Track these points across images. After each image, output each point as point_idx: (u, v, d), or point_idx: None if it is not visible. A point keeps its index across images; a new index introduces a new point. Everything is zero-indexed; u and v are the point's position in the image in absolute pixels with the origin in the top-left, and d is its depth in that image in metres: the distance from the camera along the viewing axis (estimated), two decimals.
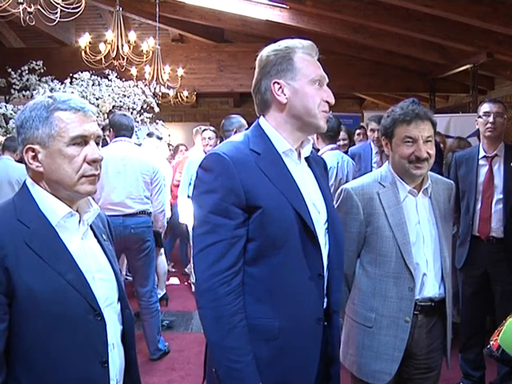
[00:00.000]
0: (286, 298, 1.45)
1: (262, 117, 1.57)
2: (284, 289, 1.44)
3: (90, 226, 1.41)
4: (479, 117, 3.06)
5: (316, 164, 1.67)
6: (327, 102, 1.53)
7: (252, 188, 1.42)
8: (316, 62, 1.56)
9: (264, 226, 1.42)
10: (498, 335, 1.80)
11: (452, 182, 2.22)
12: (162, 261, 5.04)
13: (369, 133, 4.61)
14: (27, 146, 1.30)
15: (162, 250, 5.00)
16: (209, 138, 4.90)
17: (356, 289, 2.03)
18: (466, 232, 3.14)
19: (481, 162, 3.08)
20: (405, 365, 2.00)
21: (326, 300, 1.56)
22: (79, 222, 1.36)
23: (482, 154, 3.08)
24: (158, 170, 3.83)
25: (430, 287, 1.97)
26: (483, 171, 3.05)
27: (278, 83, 1.51)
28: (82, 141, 1.31)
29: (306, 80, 1.50)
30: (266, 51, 1.54)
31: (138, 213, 3.72)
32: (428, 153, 1.93)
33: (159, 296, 4.82)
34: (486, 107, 3.05)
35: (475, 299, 3.20)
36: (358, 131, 5.62)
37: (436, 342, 2.05)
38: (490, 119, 2.99)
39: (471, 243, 3.10)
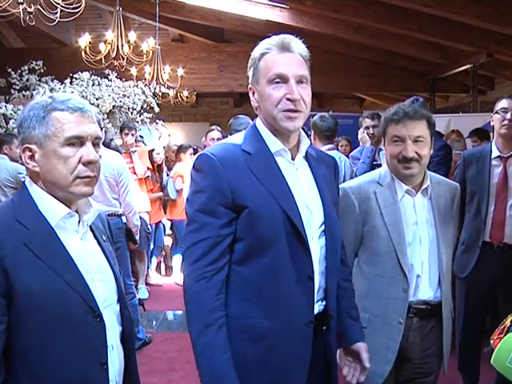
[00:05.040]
0: (275, 299, 1.44)
1: (258, 117, 1.57)
2: (273, 289, 1.44)
3: (90, 227, 1.40)
4: (496, 113, 2.84)
5: (320, 164, 1.63)
6: (289, 99, 1.43)
7: (239, 188, 1.42)
8: (282, 57, 1.45)
9: (252, 226, 1.42)
10: (498, 334, 1.80)
11: (457, 184, 2.18)
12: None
13: (362, 129, 4.50)
14: (24, 146, 1.31)
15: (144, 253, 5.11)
16: (218, 139, 4.96)
17: None
18: (474, 237, 2.87)
19: (494, 162, 2.85)
20: (400, 369, 1.99)
21: (324, 303, 1.54)
22: (79, 222, 1.36)
23: (495, 153, 2.84)
24: (122, 171, 3.79)
25: (425, 290, 1.95)
26: (496, 172, 2.84)
27: (251, 88, 1.53)
28: (77, 141, 1.30)
29: (264, 81, 1.47)
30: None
31: (108, 215, 3.70)
32: (417, 153, 1.90)
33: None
34: (504, 103, 2.82)
35: (478, 313, 2.95)
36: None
37: (433, 346, 2.02)
38: (508, 116, 2.77)
39: (481, 250, 2.83)
